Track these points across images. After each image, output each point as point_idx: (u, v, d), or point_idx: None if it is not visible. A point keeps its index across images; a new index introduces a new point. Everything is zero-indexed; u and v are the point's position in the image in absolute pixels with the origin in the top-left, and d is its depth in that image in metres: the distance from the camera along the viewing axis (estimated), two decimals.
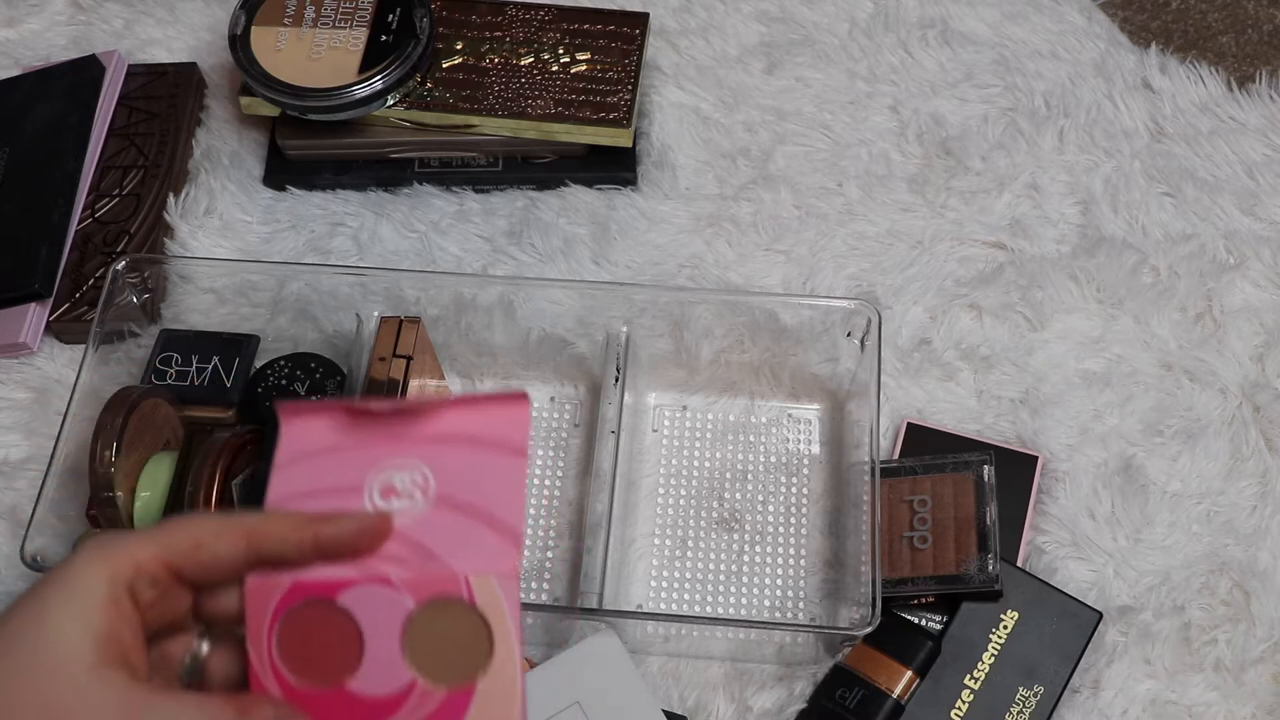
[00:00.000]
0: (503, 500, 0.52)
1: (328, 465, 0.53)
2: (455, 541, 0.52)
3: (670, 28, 1.03)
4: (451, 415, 0.53)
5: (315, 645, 0.51)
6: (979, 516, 0.77)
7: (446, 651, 0.51)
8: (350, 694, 0.51)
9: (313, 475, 0.52)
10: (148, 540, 0.47)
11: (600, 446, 0.79)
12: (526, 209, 0.94)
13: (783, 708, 0.76)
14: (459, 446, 0.53)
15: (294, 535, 0.49)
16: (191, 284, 0.88)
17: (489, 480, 0.52)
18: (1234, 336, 0.88)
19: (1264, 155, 0.96)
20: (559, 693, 0.71)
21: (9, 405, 0.87)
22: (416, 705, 0.50)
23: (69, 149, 0.94)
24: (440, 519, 0.52)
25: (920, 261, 0.92)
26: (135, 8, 1.05)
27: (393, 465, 0.53)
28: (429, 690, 0.51)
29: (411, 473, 0.53)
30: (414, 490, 0.52)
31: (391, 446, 0.53)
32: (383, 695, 0.51)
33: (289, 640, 0.51)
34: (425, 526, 0.52)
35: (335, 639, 0.51)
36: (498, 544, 0.52)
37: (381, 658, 0.51)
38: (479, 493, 0.52)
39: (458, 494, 0.52)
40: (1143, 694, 0.76)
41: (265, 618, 0.50)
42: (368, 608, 0.51)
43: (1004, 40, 1.02)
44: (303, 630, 0.51)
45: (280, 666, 0.50)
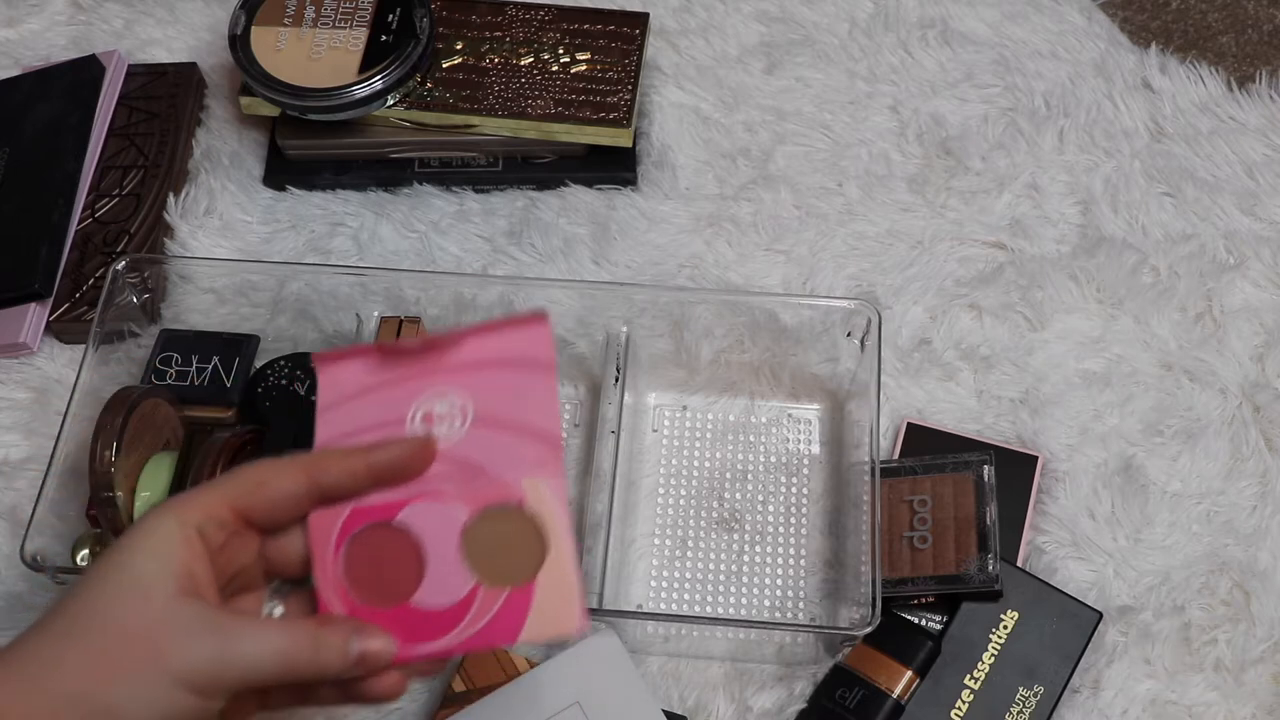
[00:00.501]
0: (538, 411, 0.55)
1: (367, 404, 0.55)
2: (499, 454, 0.54)
3: (670, 28, 1.03)
4: (477, 342, 0.56)
5: (378, 566, 0.53)
6: (979, 516, 0.77)
7: (504, 555, 0.53)
8: (416, 609, 0.53)
9: (355, 416, 0.55)
10: (211, 487, 0.51)
11: (600, 446, 0.79)
12: (526, 209, 0.95)
13: (783, 708, 0.76)
14: (489, 369, 0.56)
15: (348, 465, 0.52)
16: (191, 284, 0.88)
17: (522, 396, 0.55)
18: (1234, 336, 0.88)
19: (1264, 155, 0.96)
20: (559, 693, 0.71)
21: (9, 405, 0.87)
22: (480, 610, 0.53)
23: (69, 149, 0.94)
24: (482, 436, 0.55)
25: (920, 261, 0.92)
26: (135, 8, 1.05)
27: (429, 395, 0.55)
28: (491, 593, 0.53)
29: (448, 399, 0.55)
30: (453, 415, 0.55)
31: (425, 379, 0.56)
32: (447, 605, 0.53)
33: (353, 565, 0.53)
34: (469, 444, 0.55)
35: (397, 558, 0.53)
36: (540, 450, 0.54)
37: (442, 570, 0.53)
38: (514, 408, 0.55)
39: (495, 412, 0.55)
40: (1143, 694, 0.76)
41: (329, 546, 0.53)
42: (425, 523, 0.54)
43: (1004, 40, 1.02)
44: (365, 553, 0.53)
45: (348, 591, 0.53)
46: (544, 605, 0.53)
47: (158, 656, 0.47)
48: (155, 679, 0.47)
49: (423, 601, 0.53)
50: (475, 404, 0.56)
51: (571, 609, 0.53)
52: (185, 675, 0.47)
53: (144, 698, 0.47)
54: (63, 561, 0.75)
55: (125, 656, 0.47)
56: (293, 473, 0.52)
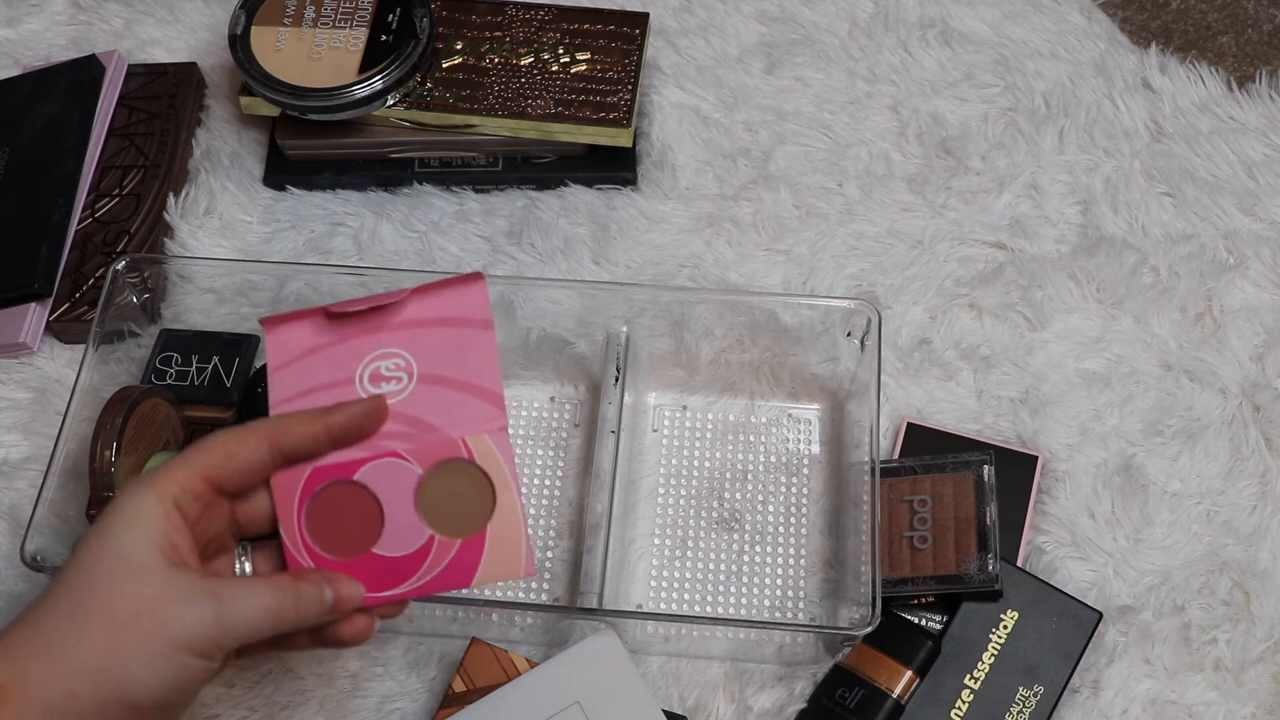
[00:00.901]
0: (479, 369, 0.60)
1: (316, 364, 0.60)
2: (447, 411, 0.59)
3: (670, 28, 1.03)
4: (418, 302, 0.60)
5: (340, 521, 0.58)
6: (979, 516, 0.77)
7: (456, 506, 0.59)
8: (378, 558, 0.58)
9: (305, 375, 0.59)
10: (182, 462, 0.54)
11: (600, 446, 0.79)
12: (526, 209, 0.95)
13: (783, 708, 0.76)
14: (431, 328, 0.60)
15: (308, 429, 0.57)
16: (191, 284, 0.88)
17: (464, 353, 0.60)
18: (1234, 336, 0.88)
19: (1264, 155, 0.96)
20: (559, 693, 0.71)
21: (9, 405, 0.87)
22: (436, 557, 0.58)
23: (69, 149, 0.94)
24: (429, 394, 0.59)
25: (920, 261, 0.92)
26: (135, 8, 1.05)
27: (375, 354, 0.60)
28: (446, 542, 0.58)
29: (394, 359, 0.60)
30: (399, 373, 0.60)
31: (370, 338, 0.60)
32: (406, 554, 0.58)
33: (317, 520, 0.58)
34: (417, 402, 0.59)
35: (357, 512, 0.58)
36: (484, 408, 0.59)
37: (400, 521, 0.58)
38: (457, 366, 0.60)
39: (439, 370, 0.60)
40: (1143, 694, 0.76)
41: (293, 504, 0.57)
42: (382, 480, 0.58)
43: (1004, 40, 1.03)
44: (327, 510, 0.58)
45: (312, 545, 0.57)
46: (495, 552, 0.58)
47: (163, 628, 0.51)
48: (162, 648, 0.51)
49: (383, 551, 0.58)
50: (419, 362, 0.60)
51: (518, 553, 0.58)
52: (188, 641, 0.51)
53: (154, 666, 0.51)
54: (62, 561, 0.75)
55: (135, 630, 0.50)
56: (257, 440, 0.56)
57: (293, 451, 0.57)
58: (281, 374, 0.59)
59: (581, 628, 0.75)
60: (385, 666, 0.77)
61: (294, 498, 0.57)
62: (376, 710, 0.76)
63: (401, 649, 0.78)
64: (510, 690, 0.72)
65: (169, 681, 0.51)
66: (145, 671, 0.51)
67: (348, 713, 0.76)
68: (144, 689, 0.51)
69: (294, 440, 0.57)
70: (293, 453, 0.57)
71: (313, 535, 0.57)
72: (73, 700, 0.50)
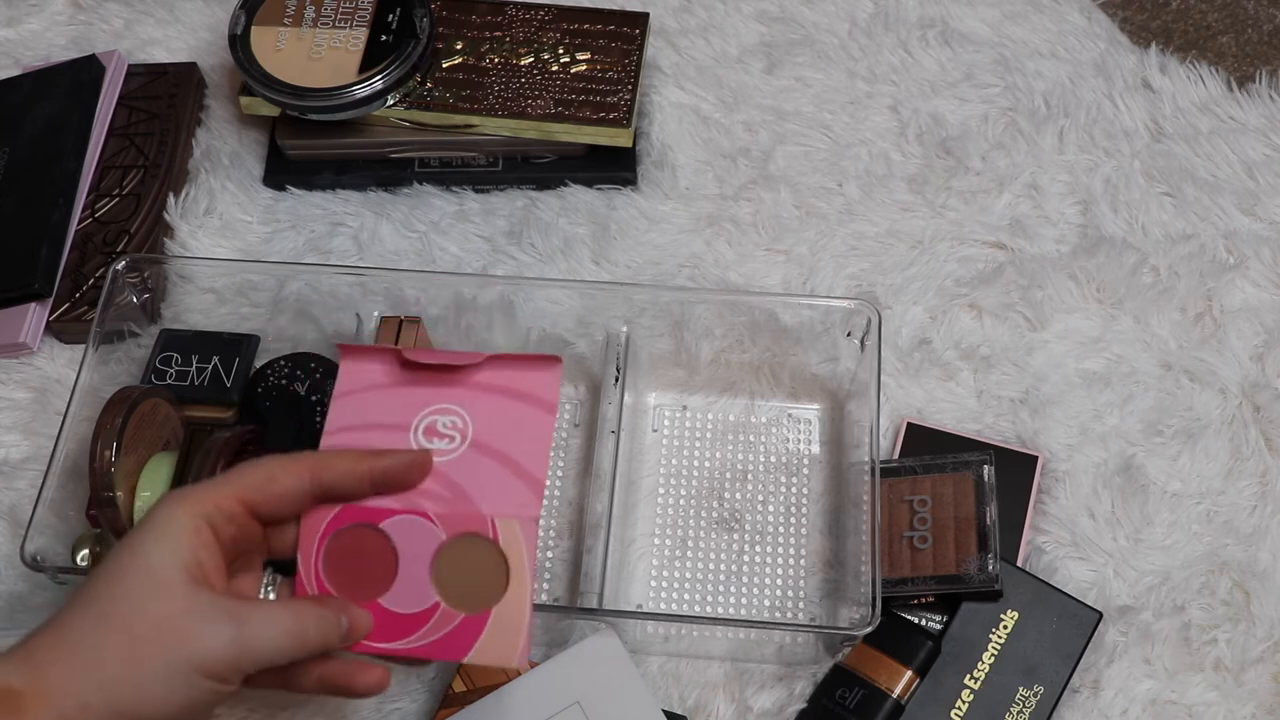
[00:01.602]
0: (530, 452, 0.60)
1: (379, 403, 0.61)
2: (486, 485, 0.59)
3: (670, 28, 1.03)
4: (491, 369, 0.61)
5: (356, 564, 0.58)
6: (979, 516, 0.77)
7: (469, 581, 0.59)
8: (382, 609, 0.58)
9: (365, 410, 0.60)
10: (224, 482, 0.55)
11: (600, 446, 0.79)
12: (526, 209, 0.95)
13: (783, 708, 0.76)
14: (496, 397, 0.61)
15: (353, 468, 0.57)
16: (191, 284, 0.88)
17: (519, 431, 0.60)
18: (1234, 336, 0.88)
19: (1264, 155, 0.96)
20: (559, 693, 0.71)
21: (9, 405, 0.87)
22: (437, 624, 0.58)
23: (69, 149, 0.94)
24: (474, 462, 0.60)
25: (920, 261, 0.92)
26: (135, 8, 1.05)
27: (436, 408, 0.60)
28: (450, 612, 0.58)
29: (453, 417, 0.60)
30: (453, 432, 0.60)
31: (436, 390, 0.61)
32: (409, 613, 0.58)
33: (334, 557, 0.58)
34: (461, 468, 0.59)
35: (374, 560, 0.58)
36: (523, 491, 0.59)
37: (412, 580, 0.58)
38: (510, 442, 0.60)
39: (491, 441, 0.60)
40: (1143, 694, 0.76)
41: (315, 537, 0.58)
42: (406, 535, 0.59)
43: (1004, 40, 1.02)
44: (347, 550, 0.58)
45: (324, 580, 0.58)
46: (493, 635, 0.58)
47: (179, 645, 0.51)
48: (178, 666, 0.51)
49: (389, 604, 0.58)
50: (476, 427, 0.60)
51: (516, 644, 0.58)
52: (204, 662, 0.51)
53: (168, 683, 0.51)
54: (63, 561, 0.75)
55: (152, 645, 0.50)
56: (300, 470, 0.56)
57: (333, 488, 0.57)
58: (343, 402, 0.60)
59: (581, 628, 0.75)
60: (385, 666, 0.77)
61: (318, 531, 0.58)
62: (376, 710, 0.76)
63: None
64: (510, 690, 0.72)
65: (181, 700, 0.51)
66: (159, 688, 0.50)
67: (347, 713, 0.76)
68: (156, 705, 0.51)
69: (336, 477, 0.57)
70: (333, 489, 0.57)
71: (327, 571, 0.58)
72: (86, 712, 0.50)
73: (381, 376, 0.61)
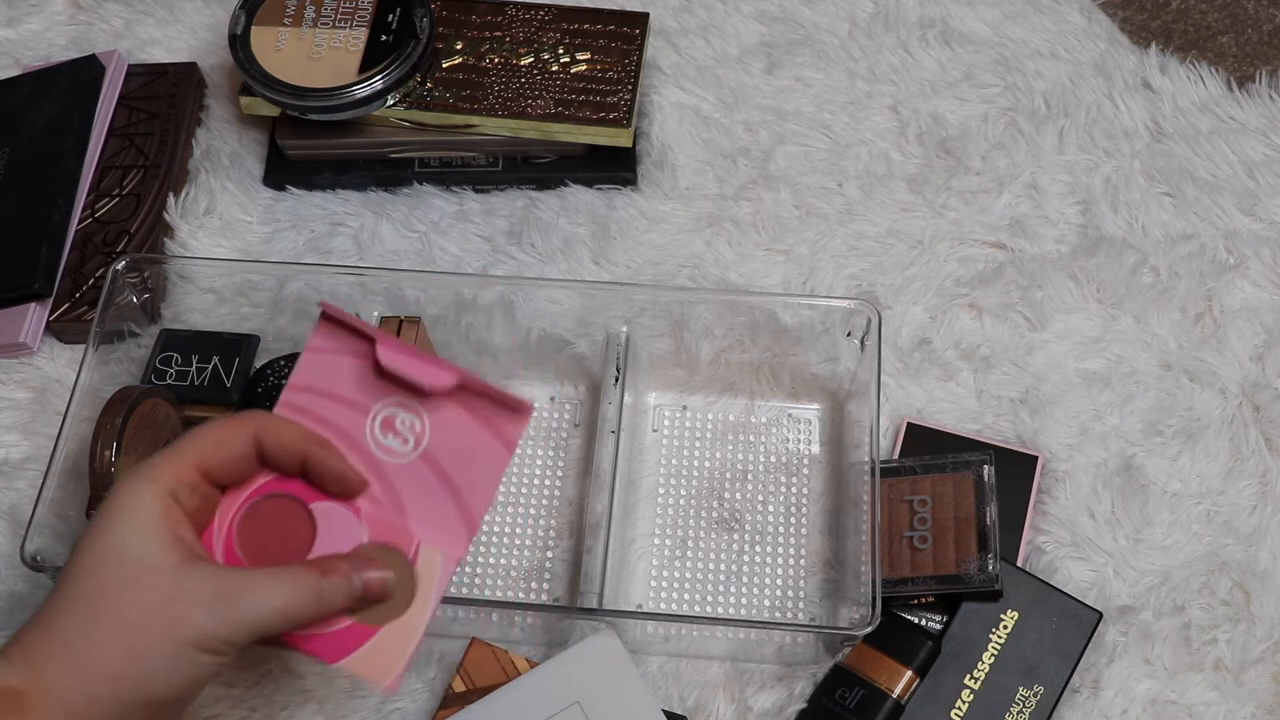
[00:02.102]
0: (477, 486, 0.58)
1: (347, 372, 0.58)
2: (424, 505, 0.58)
3: (670, 28, 1.03)
4: (467, 390, 0.58)
5: (270, 532, 0.57)
6: (979, 516, 0.77)
7: None
8: None
9: (333, 376, 0.58)
10: (179, 452, 0.54)
11: (600, 446, 0.79)
12: (526, 209, 0.95)
13: (783, 708, 0.76)
14: (462, 414, 0.58)
15: (290, 443, 0.56)
16: (191, 284, 0.88)
17: (473, 461, 0.58)
18: (1234, 336, 0.88)
19: (1264, 155, 0.96)
20: (559, 693, 0.71)
21: (9, 405, 0.87)
22: (326, 622, 0.56)
23: (69, 149, 0.94)
24: (421, 477, 0.58)
25: (920, 261, 0.92)
26: (135, 8, 1.05)
27: (400, 401, 0.58)
28: (340, 615, 0.56)
29: (414, 416, 0.58)
30: (409, 434, 0.58)
31: (406, 388, 0.58)
32: None
33: (252, 518, 0.57)
34: (406, 477, 0.58)
35: (290, 535, 0.57)
36: (456, 527, 0.58)
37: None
38: (460, 468, 0.58)
39: (443, 460, 0.58)
40: (1143, 694, 0.76)
41: (244, 492, 0.57)
42: (330, 524, 0.57)
43: (1004, 40, 1.02)
44: (268, 516, 0.57)
45: (234, 535, 0.57)
46: (375, 650, 0.56)
47: (173, 630, 0.51)
48: (177, 649, 0.51)
49: None
50: (432, 439, 0.58)
51: (394, 668, 0.56)
52: (197, 639, 0.51)
53: (170, 665, 0.51)
54: (63, 561, 0.75)
55: (147, 633, 0.50)
56: (247, 431, 0.56)
57: (271, 454, 0.56)
58: (313, 359, 0.58)
59: (581, 628, 0.75)
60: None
61: (249, 487, 0.57)
62: (376, 710, 0.76)
63: None
64: (510, 690, 0.72)
65: (184, 678, 0.51)
66: (163, 671, 0.51)
67: (348, 713, 0.76)
68: (160, 688, 0.51)
69: (272, 444, 0.56)
70: (270, 456, 0.56)
71: (240, 527, 0.57)
72: (94, 704, 0.50)
73: (357, 350, 0.59)
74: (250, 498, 0.57)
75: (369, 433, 0.58)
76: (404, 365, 0.58)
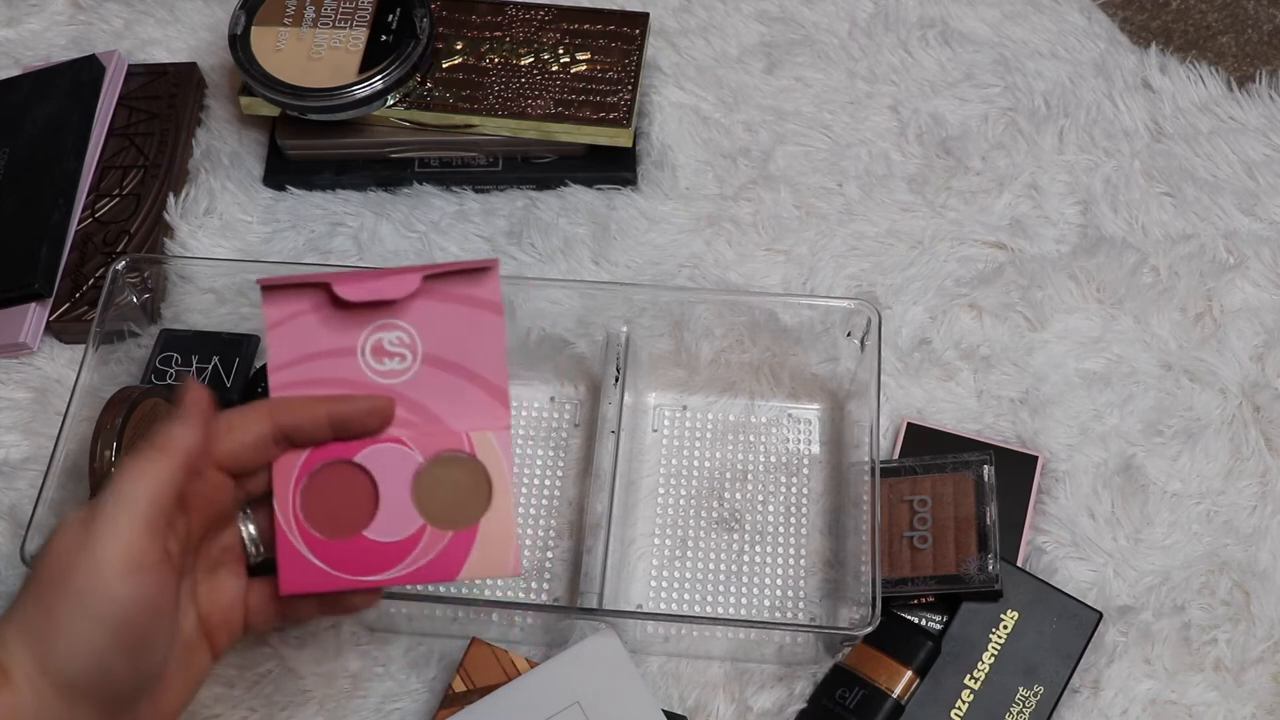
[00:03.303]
0: (487, 360, 0.59)
1: (317, 326, 0.58)
2: (452, 401, 0.59)
3: (670, 28, 1.03)
4: (428, 279, 0.58)
5: (336, 500, 0.57)
6: (979, 516, 0.77)
7: (452, 499, 0.58)
8: (368, 541, 0.57)
9: (305, 338, 0.58)
10: (185, 431, 0.53)
11: (600, 446, 0.79)
12: (526, 209, 0.95)
13: (783, 708, 0.76)
14: (439, 304, 0.59)
15: (310, 412, 0.56)
16: (191, 284, 0.88)
17: (471, 339, 0.59)
18: (1234, 336, 0.88)
19: (1264, 155, 0.96)
20: (559, 693, 0.71)
21: (9, 405, 0.87)
22: (425, 547, 0.57)
23: (69, 149, 0.94)
24: (434, 378, 0.59)
25: (920, 261, 0.92)
26: (135, 8, 1.05)
27: (379, 324, 0.58)
28: (437, 533, 0.58)
29: (398, 332, 0.59)
30: (403, 350, 0.59)
31: (376, 309, 0.58)
32: (396, 540, 0.57)
33: (312, 497, 0.57)
34: (422, 386, 0.59)
35: (353, 494, 0.58)
36: (490, 403, 0.59)
37: (394, 508, 0.58)
38: (463, 352, 0.59)
39: (445, 354, 0.59)
40: (1143, 694, 0.76)
41: (290, 480, 0.57)
42: (383, 464, 0.58)
43: (1004, 40, 1.02)
44: (325, 488, 0.57)
45: (304, 523, 0.57)
46: (484, 548, 0.58)
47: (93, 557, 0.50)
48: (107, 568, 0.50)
49: (375, 535, 0.57)
50: (424, 340, 0.59)
51: (508, 552, 0.58)
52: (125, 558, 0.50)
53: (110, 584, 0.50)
54: None
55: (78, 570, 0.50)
56: (259, 415, 0.56)
57: (294, 431, 0.56)
58: (279, 333, 0.58)
59: (581, 628, 0.75)
60: (385, 666, 0.77)
61: (292, 474, 0.57)
62: (376, 710, 0.76)
63: (401, 649, 0.78)
64: (510, 690, 0.72)
65: (136, 594, 0.50)
66: (104, 592, 0.50)
67: (348, 713, 0.76)
68: (118, 607, 0.50)
69: (293, 418, 0.56)
70: (293, 432, 0.56)
71: (306, 512, 0.57)
72: (59, 664, 0.50)
73: (313, 302, 0.58)
74: (299, 481, 0.57)
75: (365, 368, 0.59)
76: (365, 291, 0.58)
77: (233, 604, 0.57)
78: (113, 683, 0.51)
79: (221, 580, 0.57)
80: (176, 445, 0.53)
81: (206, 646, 0.57)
